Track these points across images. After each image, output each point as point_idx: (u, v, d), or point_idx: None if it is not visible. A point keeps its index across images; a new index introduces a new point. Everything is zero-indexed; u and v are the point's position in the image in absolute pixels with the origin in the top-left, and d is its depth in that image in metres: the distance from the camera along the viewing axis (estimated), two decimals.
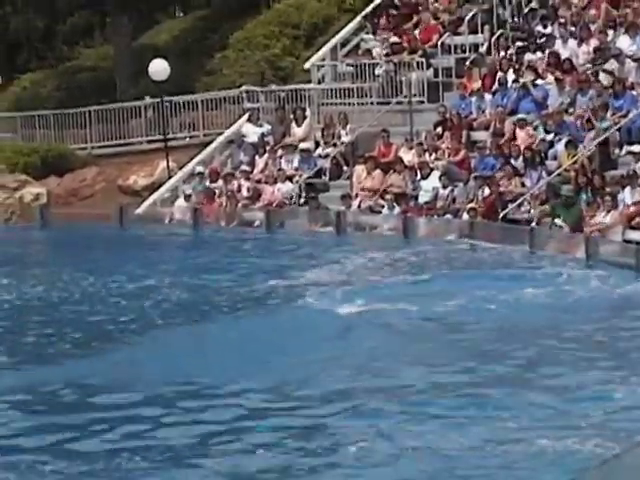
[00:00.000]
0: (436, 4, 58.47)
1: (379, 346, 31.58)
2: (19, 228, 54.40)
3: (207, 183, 54.48)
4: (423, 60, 54.74)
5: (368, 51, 57.57)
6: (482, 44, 54.96)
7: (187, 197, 53.70)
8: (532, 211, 43.66)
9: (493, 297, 35.29)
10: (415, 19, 57.95)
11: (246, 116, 56.85)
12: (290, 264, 41.56)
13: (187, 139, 59.25)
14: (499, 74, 51.96)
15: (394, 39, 56.96)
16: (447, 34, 56.24)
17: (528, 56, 52.23)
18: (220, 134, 57.10)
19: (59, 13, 70.21)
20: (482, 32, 55.37)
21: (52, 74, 68.19)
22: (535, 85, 49.92)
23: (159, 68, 59.09)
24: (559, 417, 24.41)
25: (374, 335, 33.29)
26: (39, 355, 32.25)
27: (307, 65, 58.30)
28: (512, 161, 46.26)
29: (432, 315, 34.05)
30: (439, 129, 50.42)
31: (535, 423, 23.95)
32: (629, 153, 44.00)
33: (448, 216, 46.06)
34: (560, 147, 45.54)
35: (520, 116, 48.53)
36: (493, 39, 54.71)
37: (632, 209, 40.74)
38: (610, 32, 50.82)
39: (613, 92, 47.49)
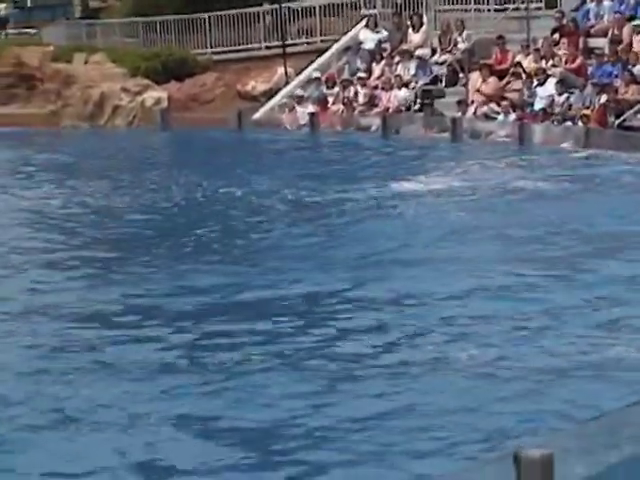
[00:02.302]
0: None
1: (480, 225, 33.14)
2: (140, 131, 55.10)
3: (324, 89, 55.01)
4: None
5: None
6: None
7: (304, 102, 54.28)
8: None
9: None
10: None
11: (363, 22, 56.95)
12: (406, 168, 41.89)
13: (305, 45, 59.27)
14: None
15: None
16: None
17: None
18: (337, 41, 57.36)
19: None
20: None
21: None
22: None
23: None
24: None
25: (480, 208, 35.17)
26: (149, 256, 33.55)
27: None
28: (630, 68, 45.82)
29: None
30: (556, 35, 49.99)
31: None
32: None
33: (566, 123, 45.96)
34: None
35: (639, 22, 48.03)
36: None
37: None
38: None
39: None
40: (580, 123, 44.80)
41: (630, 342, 22.94)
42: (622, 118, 43.71)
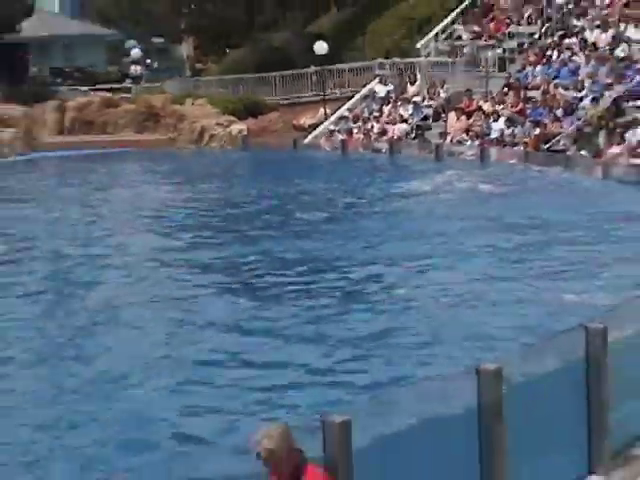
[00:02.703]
0: (505, 5, 58.20)
1: (457, 204, 34.67)
2: (228, 151, 55.13)
3: (351, 124, 55.56)
4: (495, 43, 54.79)
5: (459, 37, 57.84)
6: (536, 33, 54.02)
7: (338, 133, 54.91)
8: (566, 144, 43.61)
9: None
10: (491, 15, 57.88)
11: (377, 79, 57.13)
12: (407, 175, 42.39)
13: (338, 94, 59.14)
14: (547, 52, 51.27)
15: (476, 29, 57.51)
16: (512, 26, 56.07)
17: (566, 41, 51.31)
18: (359, 91, 57.44)
19: (255, 9, 71.04)
20: (536, 24, 55.04)
21: (251, 50, 68.71)
22: (571, 60, 49.42)
23: (321, 47, 60.27)
24: None
25: (452, 201, 36.24)
26: (239, 237, 33.39)
27: (418, 45, 58.04)
28: (554, 111, 45.64)
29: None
30: (505, 89, 50.08)
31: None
32: (633, 106, 43.53)
33: (512, 148, 45.77)
34: (587, 102, 44.70)
35: (559, 81, 47.82)
36: (543, 29, 54.03)
37: (634, 144, 40.63)
38: (622, 25, 49.79)
39: (624, 65, 46.45)
40: (521, 147, 45.02)
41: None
42: (549, 144, 43.99)
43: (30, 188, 45.42)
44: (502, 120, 47.96)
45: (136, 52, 74.23)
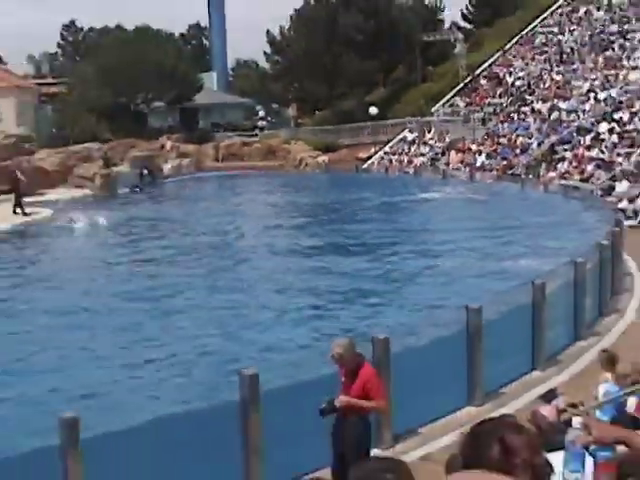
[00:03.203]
0: (485, 86, 58.08)
1: (456, 205, 33.71)
2: (316, 173, 55.00)
3: (391, 156, 55.89)
4: (479, 109, 54.34)
5: (457, 105, 57.31)
6: (504, 103, 53.30)
7: (383, 162, 55.24)
8: (521, 171, 43.07)
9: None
10: (477, 92, 57.48)
11: (407, 129, 56.91)
12: (425, 188, 41.85)
13: (383, 138, 58.63)
14: (511, 115, 50.99)
15: (468, 100, 56.94)
16: (489, 98, 55.61)
17: (522, 108, 50.88)
18: (396, 137, 57.69)
19: (334, 86, 71.55)
20: (503, 98, 54.41)
21: (330, 112, 68.06)
22: (524, 120, 49.64)
23: (373, 110, 60.93)
24: None
25: (453, 204, 35.83)
26: (322, 223, 34.03)
27: (433, 110, 58.02)
28: (515, 151, 45.43)
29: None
30: (485, 137, 49.61)
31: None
32: (562, 148, 42.52)
33: (491, 172, 45.31)
34: (534, 145, 44.28)
35: (518, 132, 47.40)
36: (508, 101, 53.38)
37: (562, 172, 40.47)
38: (555, 99, 49.94)
39: (557, 124, 46.85)
40: (495, 172, 44.72)
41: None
42: (512, 171, 43.78)
43: (198, 194, 46.72)
44: (483, 155, 48.08)
45: (262, 112, 75.06)
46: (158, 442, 8.94)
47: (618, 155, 37.98)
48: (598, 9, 60.10)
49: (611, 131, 40.78)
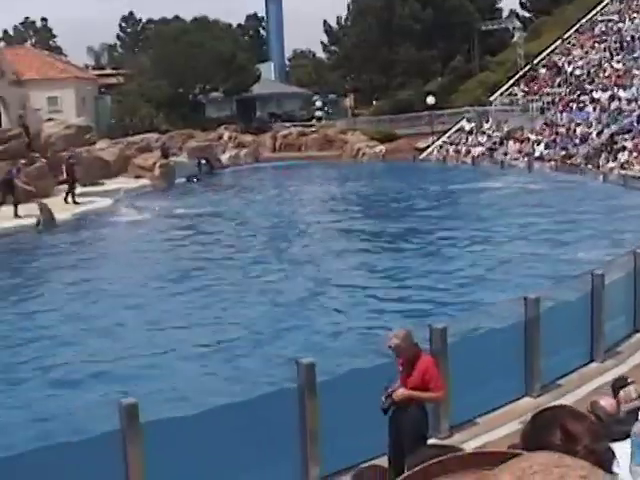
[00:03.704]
0: (544, 75, 58.31)
1: (514, 194, 33.64)
2: (372, 163, 54.96)
3: (448, 146, 55.76)
4: (537, 98, 54.15)
5: (515, 94, 57.03)
6: (562, 92, 53.67)
7: (439, 151, 55.09)
8: (581, 161, 43.20)
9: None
10: (535, 81, 57.34)
11: (465, 119, 56.79)
12: (483, 178, 41.79)
13: (441, 128, 58.69)
14: (569, 104, 50.96)
15: (526, 89, 56.87)
16: (547, 87, 55.39)
17: (581, 97, 50.63)
18: (453, 126, 57.36)
19: (391, 76, 71.41)
20: (562, 87, 54.73)
21: (388, 102, 67.68)
22: (584, 110, 49.21)
23: (431, 99, 60.63)
24: None
25: (511, 194, 35.52)
26: (377, 209, 34.61)
27: (491, 99, 57.82)
28: (574, 140, 45.55)
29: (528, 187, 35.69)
30: (544, 126, 49.58)
31: None
32: (622, 138, 42.87)
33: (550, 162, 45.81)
34: (594, 135, 44.19)
35: (577, 122, 47.53)
36: (567, 90, 53.28)
37: (622, 161, 40.65)
38: (615, 88, 50.08)
39: (616, 112, 46.70)
40: (553, 162, 44.61)
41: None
42: (570, 161, 43.54)
43: (256, 183, 46.95)
44: (542, 145, 47.93)
45: (319, 103, 75.00)
46: (217, 429, 9.06)
47: None
48: None
49: None
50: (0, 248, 27.37)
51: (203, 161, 52.14)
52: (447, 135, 57.16)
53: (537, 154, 47.23)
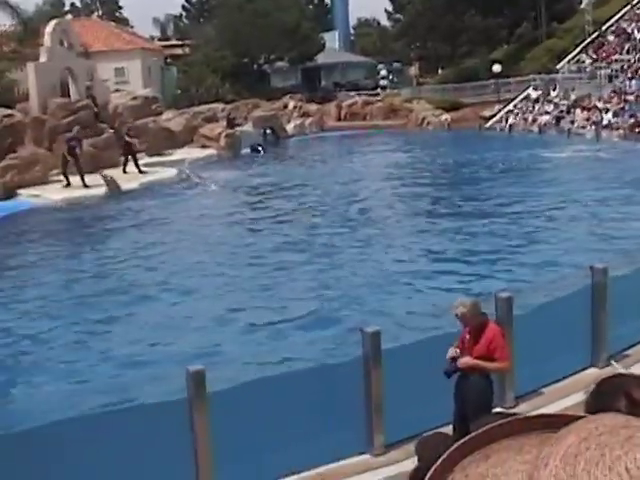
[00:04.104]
0: (612, 42, 57.28)
1: (581, 164, 33.55)
2: (437, 131, 54.85)
3: (514, 114, 55.08)
4: (605, 65, 53.41)
5: (583, 61, 56.38)
6: (631, 59, 52.59)
7: (507, 120, 54.58)
8: None
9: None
10: (603, 48, 56.49)
11: (531, 87, 55.92)
12: (550, 147, 41.26)
13: (507, 96, 58.03)
14: (639, 72, 50.48)
15: (594, 56, 56.23)
16: (616, 55, 54.82)
17: None
18: (520, 95, 56.67)
19: (456, 45, 70.76)
20: (631, 54, 53.75)
21: (453, 70, 67.57)
22: None
23: (497, 68, 59.98)
24: None
25: (579, 163, 35.31)
26: (442, 179, 34.45)
27: (558, 67, 57.01)
28: None
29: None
30: (612, 94, 48.70)
31: None
32: None
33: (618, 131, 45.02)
34: None
35: None
36: (636, 57, 52.33)
37: None
38: None
39: None
40: (622, 131, 44.07)
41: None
42: (639, 129, 43.17)
43: (321, 153, 46.98)
44: (610, 113, 47.19)
45: (383, 72, 74.73)
46: (282, 397, 9.16)
47: None
48: None
49: None
50: (75, 215, 28.20)
51: (268, 131, 52.33)
52: (513, 104, 56.46)
53: (605, 122, 46.46)
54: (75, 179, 32.06)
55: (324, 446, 9.14)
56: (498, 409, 9.46)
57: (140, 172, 35.47)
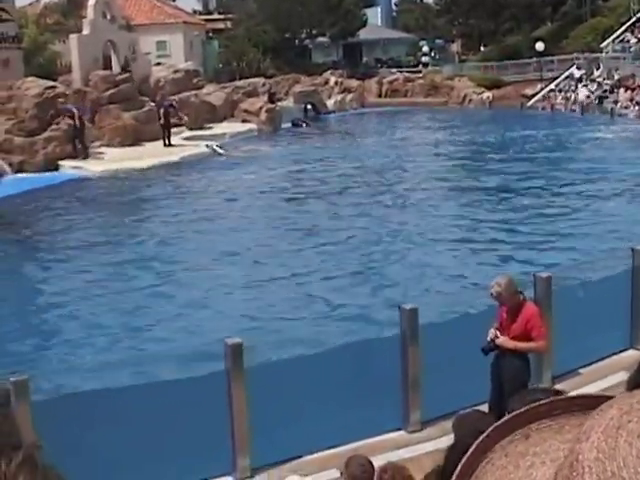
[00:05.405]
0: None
1: (623, 143, 33.16)
2: (478, 109, 54.54)
3: (557, 94, 54.60)
4: None
5: (628, 41, 55.54)
6: None
7: (549, 99, 54.09)
8: None
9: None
10: None
11: (575, 66, 55.13)
12: (593, 127, 40.73)
13: (550, 75, 57.24)
14: None
15: (638, 35, 55.86)
16: None
17: None
18: (563, 74, 56.04)
19: (499, 22, 70.08)
20: None
21: (496, 47, 66.88)
22: None
23: (540, 46, 59.03)
24: None
25: (622, 143, 35.35)
26: (484, 157, 33.76)
27: (602, 45, 56.35)
28: None
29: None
30: None
31: None
32: None
33: None
34: None
35: None
36: None
37: None
38: None
39: None
40: None
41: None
42: None
43: (362, 128, 46.93)
44: None
45: (425, 48, 74.20)
46: (319, 373, 9.19)
47: None
48: None
49: None
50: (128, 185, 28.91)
51: (309, 106, 52.33)
52: (556, 82, 55.88)
53: None
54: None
55: (360, 421, 9.17)
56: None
57: (165, 145, 35.53)
